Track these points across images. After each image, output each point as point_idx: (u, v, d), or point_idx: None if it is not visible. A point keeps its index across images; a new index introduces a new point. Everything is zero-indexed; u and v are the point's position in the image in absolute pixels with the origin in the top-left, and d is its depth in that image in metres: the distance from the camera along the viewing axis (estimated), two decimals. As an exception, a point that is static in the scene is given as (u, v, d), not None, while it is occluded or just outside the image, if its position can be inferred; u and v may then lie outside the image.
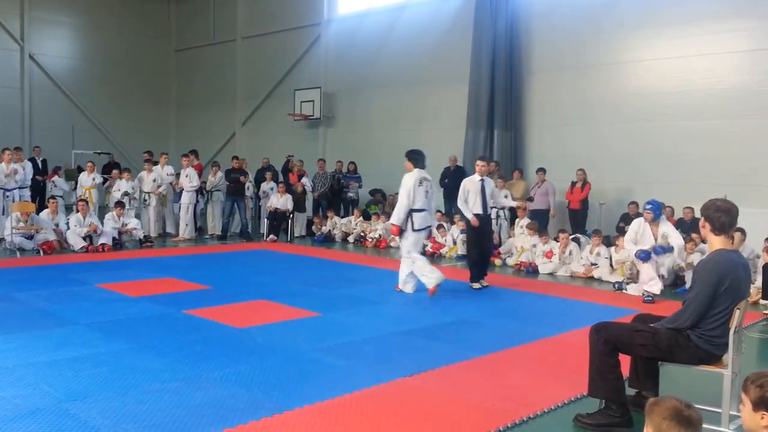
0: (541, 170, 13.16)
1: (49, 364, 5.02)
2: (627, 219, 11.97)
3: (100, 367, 4.96)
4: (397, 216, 8.34)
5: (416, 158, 8.66)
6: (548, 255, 10.84)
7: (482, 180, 9.04)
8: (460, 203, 9.16)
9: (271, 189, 15.09)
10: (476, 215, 8.96)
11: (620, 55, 13.21)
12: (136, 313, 6.92)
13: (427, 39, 16.20)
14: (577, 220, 12.67)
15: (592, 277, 10.20)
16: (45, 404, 4.18)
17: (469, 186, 9.04)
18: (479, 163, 9.18)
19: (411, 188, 8.25)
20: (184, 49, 23.28)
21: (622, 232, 11.39)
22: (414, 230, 8.37)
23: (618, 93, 13.21)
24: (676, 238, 8.61)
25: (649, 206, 8.71)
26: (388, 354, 5.65)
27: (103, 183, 15.11)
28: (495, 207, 13.32)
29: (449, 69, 15.72)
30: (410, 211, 8.30)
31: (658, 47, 12.69)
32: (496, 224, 13.16)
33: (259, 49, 20.70)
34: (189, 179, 13.82)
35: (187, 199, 13.77)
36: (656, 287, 8.51)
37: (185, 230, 13.79)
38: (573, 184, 12.85)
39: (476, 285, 8.99)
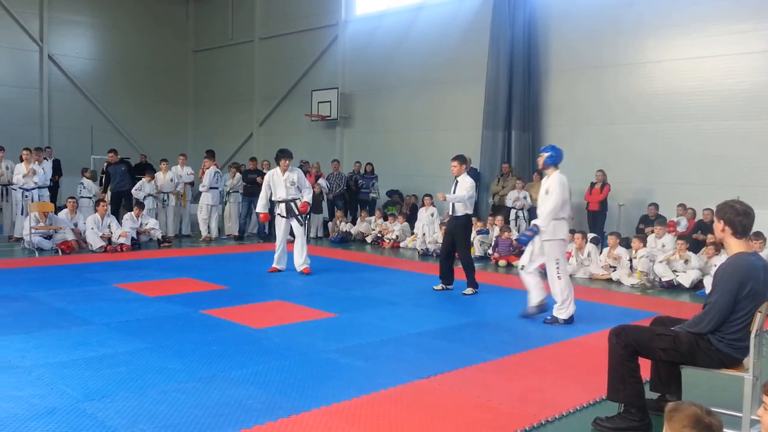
0: (559, 172, 13.04)
1: (67, 363, 5.04)
2: (647, 220, 11.88)
3: (118, 367, 4.97)
4: (261, 205, 10.12)
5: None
6: (566, 255, 10.72)
7: (456, 180, 8.68)
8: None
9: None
10: (451, 217, 8.85)
11: (639, 56, 13.07)
12: (153, 312, 6.95)
13: (444, 40, 16.16)
14: (596, 222, 12.55)
15: (610, 279, 10.11)
16: (62, 404, 4.19)
17: (452, 188, 8.86)
18: (452, 162, 8.70)
19: (268, 182, 9.91)
20: (202, 50, 23.40)
21: (641, 233, 11.30)
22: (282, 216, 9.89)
23: (637, 93, 13.07)
24: (551, 200, 6.93)
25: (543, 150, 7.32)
26: (405, 355, 5.61)
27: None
28: (514, 207, 13.32)
29: (466, 70, 15.66)
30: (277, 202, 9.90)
31: (677, 48, 12.55)
32: (515, 225, 13.11)
33: (277, 50, 20.76)
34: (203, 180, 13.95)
35: (204, 200, 13.85)
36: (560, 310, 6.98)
37: (209, 230, 13.89)
38: (592, 185, 12.74)
39: (438, 286, 8.79)
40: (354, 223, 15.10)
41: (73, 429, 3.80)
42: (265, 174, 14.83)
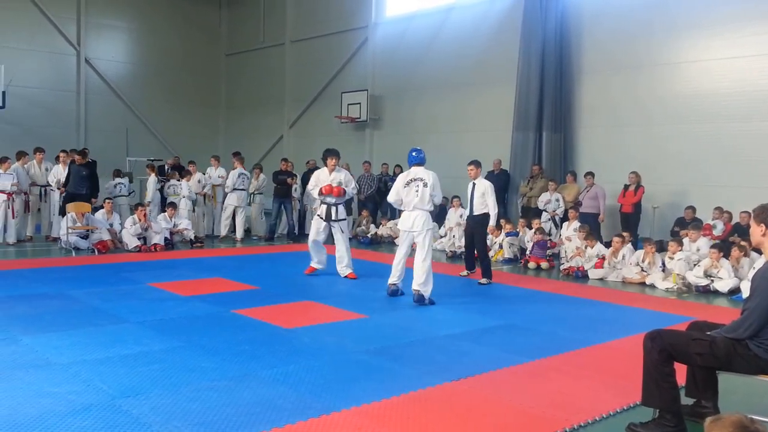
0: (590, 174, 12.93)
1: (103, 360, 5.13)
2: (682, 223, 11.68)
3: (152, 365, 5.04)
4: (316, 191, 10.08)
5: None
6: (598, 264, 10.55)
7: (474, 183, 9.69)
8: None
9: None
10: (468, 216, 9.90)
11: (673, 56, 12.88)
12: (186, 311, 7.04)
13: (475, 41, 16.09)
14: (630, 224, 12.36)
15: (644, 283, 9.96)
16: (98, 400, 4.26)
17: (469, 189, 9.86)
18: (468, 167, 9.72)
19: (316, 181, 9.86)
20: (234, 53, 23.67)
21: (677, 236, 11.12)
22: None
23: (672, 94, 12.87)
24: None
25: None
26: (434, 357, 5.60)
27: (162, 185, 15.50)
28: (546, 210, 13.19)
29: (496, 71, 15.58)
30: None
31: (712, 48, 12.33)
32: (551, 227, 12.99)
33: (307, 53, 20.90)
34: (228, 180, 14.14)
35: (229, 201, 14.08)
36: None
37: (234, 230, 14.04)
38: (626, 187, 12.55)
39: (463, 273, 10.18)
40: (377, 225, 15.10)
41: (108, 425, 3.87)
42: (296, 175, 15.01)
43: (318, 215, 9.75)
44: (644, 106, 13.29)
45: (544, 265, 11.28)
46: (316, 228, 9.71)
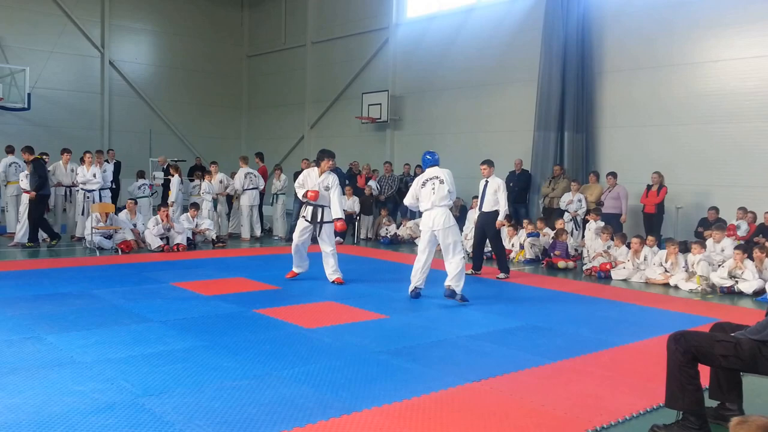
0: (612, 174, 12.82)
1: (126, 359, 5.18)
2: (706, 224, 11.54)
3: (175, 364, 5.09)
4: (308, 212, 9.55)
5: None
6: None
7: (486, 181, 10.05)
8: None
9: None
10: (479, 213, 10.26)
11: (695, 56, 12.73)
12: (208, 311, 7.09)
13: (495, 41, 16.04)
14: (653, 225, 12.24)
15: (667, 284, 9.85)
16: (122, 399, 4.31)
17: (481, 186, 10.17)
18: (481, 166, 10.08)
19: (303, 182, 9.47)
20: (256, 55, 23.82)
21: (700, 237, 10.98)
22: None
23: (695, 93, 12.72)
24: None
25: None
26: (456, 358, 5.59)
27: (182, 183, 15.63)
28: (567, 211, 13.08)
29: (517, 71, 15.51)
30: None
31: (735, 47, 12.17)
32: (572, 228, 12.89)
33: (329, 54, 20.97)
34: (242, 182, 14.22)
35: (242, 202, 14.17)
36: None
37: (251, 230, 14.15)
38: (648, 187, 12.43)
39: (468, 271, 9.74)
40: (398, 225, 15.10)
41: (132, 424, 3.91)
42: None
43: (303, 216, 9.28)
44: (667, 105, 13.15)
45: (561, 264, 11.20)
46: (300, 230, 9.25)
